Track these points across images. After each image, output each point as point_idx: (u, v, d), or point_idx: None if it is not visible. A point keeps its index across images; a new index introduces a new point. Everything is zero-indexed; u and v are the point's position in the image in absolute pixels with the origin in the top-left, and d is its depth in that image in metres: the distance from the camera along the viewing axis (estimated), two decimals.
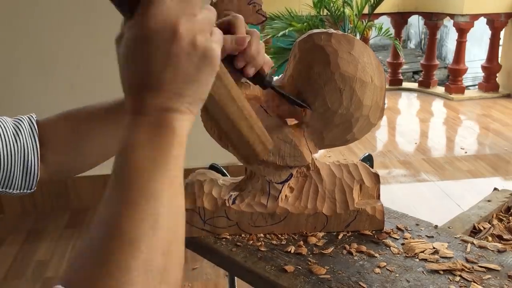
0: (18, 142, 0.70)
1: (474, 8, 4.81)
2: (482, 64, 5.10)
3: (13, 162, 0.69)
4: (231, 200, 0.89)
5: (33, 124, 0.73)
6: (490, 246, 0.84)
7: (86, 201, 2.70)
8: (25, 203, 2.67)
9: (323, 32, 0.83)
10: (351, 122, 0.83)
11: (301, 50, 0.84)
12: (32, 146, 0.71)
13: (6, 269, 2.21)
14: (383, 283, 0.76)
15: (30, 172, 0.71)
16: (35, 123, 0.74)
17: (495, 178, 3.15)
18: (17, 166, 0.70)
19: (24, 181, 0.71)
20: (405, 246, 0.85)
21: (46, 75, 2.50)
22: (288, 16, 4.36)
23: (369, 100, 0.82)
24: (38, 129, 0.73)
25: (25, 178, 0.71)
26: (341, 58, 0.81)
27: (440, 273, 0.78)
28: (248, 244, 0.88)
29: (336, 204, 0.89)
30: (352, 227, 0.90)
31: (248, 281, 0.85)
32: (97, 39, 2.45)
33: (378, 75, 0.83)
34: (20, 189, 0.72)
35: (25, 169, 0.71)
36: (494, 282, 0.76)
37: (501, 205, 1.11)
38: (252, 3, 0.87)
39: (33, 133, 0.72)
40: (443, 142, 3.97)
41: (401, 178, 3.20)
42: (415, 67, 7.56)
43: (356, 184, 0.90)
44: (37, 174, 0.72)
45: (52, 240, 2.43)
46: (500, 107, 4.69)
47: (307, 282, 0.77)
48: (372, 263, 0.81)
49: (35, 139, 0.72)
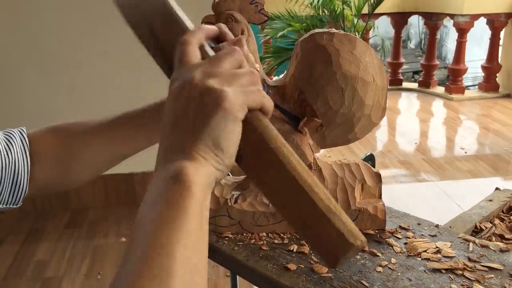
0: (9, 157, 0.68)
1: (474, 8, 4.82)
2: (482, 64, 5.10)
3: (3, 177, 0.67)
4: (233, 199, 0.89)
5: (24, 139, 0.71)
6: (492, 245, 0.84)
7: (86, 201, 2.70)
8: (25, 203, 2.66)
9: (325, 32, 0.83)
10: (352, 121, 0.84)
11: (303, 49, 0.84)
12: (23, 161, 0.69)
13: (6, 269, 2.21)
14: (384, 282, 0.77)
15: (18, 187, 0.69)
16: (26, 138, 0.71)
17: (495, 178, 3.15)
18: (7, 181, 0.68)
19: (11, 197, 0.69)
20: (408, 246, 0.85)
21: (47, 75, 2.50)
22: (287, 16, 4.36)
23: (371, 99, 0.83)
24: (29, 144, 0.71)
25: (12, 193, 0.69)
26: (343, 57, 0.81)
27: (442, 272, 0.78)
28: (250, 243, 0.88)
29: (337, 203, 0.89)
30: None
31: (250, 280, 0.85)
32: (98, 39, 2.45)
33: (380, 75, 0.84)
34: (6, 204, 0.70)
35: (14, 185, 0.69)
36: (495, 281, 0.76)
37: (503, 205, 1.11)
38: (254, 3, 0.87)
39: (25, 148, 0.70)
40: (443, 142, 3.98)
41: (401, 178, 3.20)
42: (415, 67, 7.57)
43: (358, 184, 0.90)
44: (25, 189, 0.70)
45: (51, 240, 2.43)
46: (500, 107, 4.70)
47: (309, 280, 0.78)
48: (374, 262, 0.82)
49: (26, 154, 0.70)
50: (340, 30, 0.85)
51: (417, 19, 8.03)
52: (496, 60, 5.02)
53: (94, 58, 2.48)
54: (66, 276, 2.15)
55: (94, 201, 2.70)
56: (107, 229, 2.50)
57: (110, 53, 2.48)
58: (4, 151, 0.68)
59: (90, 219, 2.61)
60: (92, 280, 2.11)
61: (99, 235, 2.45)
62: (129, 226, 2.50)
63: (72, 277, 2.14)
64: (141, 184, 2.67)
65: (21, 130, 0.73)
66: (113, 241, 2.39)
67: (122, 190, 2.69)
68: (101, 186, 2.69)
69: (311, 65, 0.82)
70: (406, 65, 6.78)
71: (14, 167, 0.68)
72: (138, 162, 2.88)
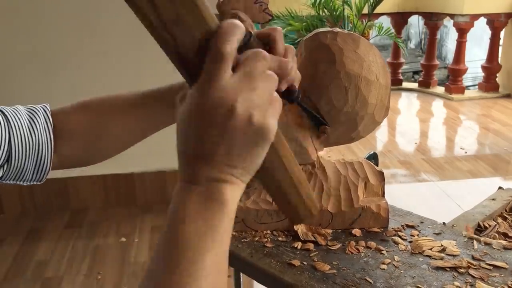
0: (33, 136, 0.69)
1: (474, 8, 4.82)
2: (482, 64, 5.11)
3: (27, 156, 0.68)
4: None
5: (48, 117, 0.72)
6: (496, 244, 0.84)
7: (86, 201, 2.70)
8: (25, 203, 2.67)
9: (329, 31, 0.84)
10: (356, 120, 0.84)
11: (307, 48, 0.85)
12: (47, 139, 0.70)
13: (6, 269, 2.20)
14: (387, 279, 0.77)
15: (42, 165, 0.70)
16: (50, 115, 0.72)
17: (495, 178, 3.15)
18: (31, 161, 0.69)
19: (35, 174, 0.71)
20: (413, 244, 0.85)
21: (47, 76, 2.49)
22: (288, 16, 4.37)
23: (374, 98, 0.83)
24: (53, 121, 0.72)
25: (36, 171, 0.70)
26: (347, 56, 0.81)
27: (446, 270, 0.78)
28: (254, 240, 0.88)
29: (341, 201, 0.89)
30: (357, 225, 0.91)
31: (253, 277, 0.85)
32: (98, 39, 2.45)
33: (383, 74, 0.84)
34: (30, 181, 0.71)
35: (38, 163, 0.70)
36: (498, 279, 0.76)
37: (506, 203, 1.11)
38: (259, 3, 0.87)
39: (48, 127, 0.71)
40: (443, 142, 3.98)
41: (401, 178, 3.20)
42: (415, 67, 7.58)
43: (361, 182, 0.90)
44: (49, 167, 0.71)
45: (51, 240, 2.43)
46: (500, 107, 4.70)
47: (311, 278, 0.78)
48: (377, 260, 0.82)
49: (50, 132, 0.71)
50: (344, 30, 0.85)
51: (417, 19, 8.04)
52: (496, 60, 5.02)
53: (94, 58, 2.48)
54: (66, 276, 2.14)
55: (94, 201, 2.70)
56: (107, 229, 2.50)
57: (110, 53, 2.48)
58: (28, 131, 0.69)
59: (90, 219, 2.61)
60: (92, 280, 2.11)
61: (99, 235, 2.45)
62: (129, 226, 2.50)
63: (72, 277, 2.13)
64: (141, 184, 2.67)
65: (44, 108, 0.73)
66: (113, 241, 2.39)
67: (122, 190, 2.69)
68: (101, 186, 2.68)
69: (315, 64, 0.83)
70: (406, 65, 6.79)
71: (38, 147, 0.69)
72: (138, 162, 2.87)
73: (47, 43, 2.45)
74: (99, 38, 2.45)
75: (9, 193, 2.64)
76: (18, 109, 0.70)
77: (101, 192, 2.69)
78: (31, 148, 0.69)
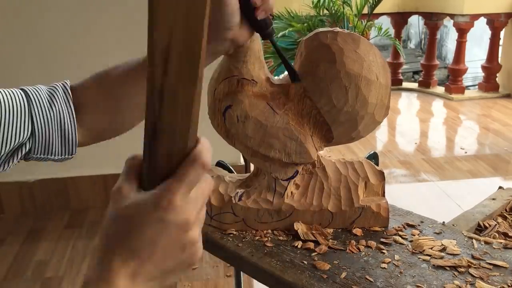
0: (53, 109, 0.71)
1: (474, 8, 4.82)
2: (482, 64, 5.11)
3: (50, 129, 0.70)
4: (237, 196, 0.89)
5: (67, 91, 0.73)
6: (496, 243, 0.85)
7: (86, 201, 2.70)
8: (25, 203, 2.67)
9: (329, 31, 0.84)
10: (356, 119, 0.84)
11: (307, 48, 0.85)
12: (68, 112, 0.72)
13: (6, 269, 2.20)
14: (387, 279, 0.77)
15: (68, 138, 0.72)
16: (69, 89, 0.74)
17: (495, 178, 3.15)
18: (55, 133, 0.71)
19: (63, 147, 0.72)
20: (413, 243, 0.85)
21: (46, 76, 2.49)
22: (288, 16, 4.37)
23: (375, 98, 0.83)
24: (74, 95, 0.73)
25: (64, 144, 0.72)
26: (347, 56, 0.81)
27: (446, 269, 0.78)
28: (255, 239, 0.88)
29: (341, 201, 0.90)
30: (357, 224, 0.91)
31: (254, 276, 0.85)
32: (98, 39, 2.45)
33: (383, 74, 0.84)
34: (60, 155, 0.73)
35: (63, 136, 0.72)
36: (498, 278, 0.76)
37: (506, 203, 1.12)
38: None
39: (68, 100, 0.72)
40: (443, 142, 3.98)
41: (401, 178, 3.21)
42: (415, 67, 7.58)
43: (361, 181, 0.90)
44: (75, 139, 0.73)
45: (52, 240, 2.43)
46: (500, 107, 4.70)
47: (312, 277, 0.78)
48: (377, 259, 0.82)
49: (70, 105, 0.72)
50: (344, 29, 0.85)
51: (417, 19, 8.04)
52: (496, 60, 5.02)
53: (94, 58, 2.48)
54: (66, 276, 2.14)
55: (94, 201, 2.70)
56: None
57: (110, 53, 2.48)
58: (48, 104, 0.71)
59: (90, 219, 2.61)
60: None
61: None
62: None
63: (72, 277, 2.14)
64: None
65: (64, 83, 0.75)
66: None
67: None
68: (101, 186, 2.69)
69: (315, 64, 0.83)
70: (406, 65, 6.79)
71: (60, 120, 0.71)
72: None
73: (47, 43, 2.45)
74: (99, 38, 2.45)
75: (9, 193, 2.65)
76: (39, 87, 0.73)
77: (101, 192, 2.69)
78: (53, 120, 0.71)
